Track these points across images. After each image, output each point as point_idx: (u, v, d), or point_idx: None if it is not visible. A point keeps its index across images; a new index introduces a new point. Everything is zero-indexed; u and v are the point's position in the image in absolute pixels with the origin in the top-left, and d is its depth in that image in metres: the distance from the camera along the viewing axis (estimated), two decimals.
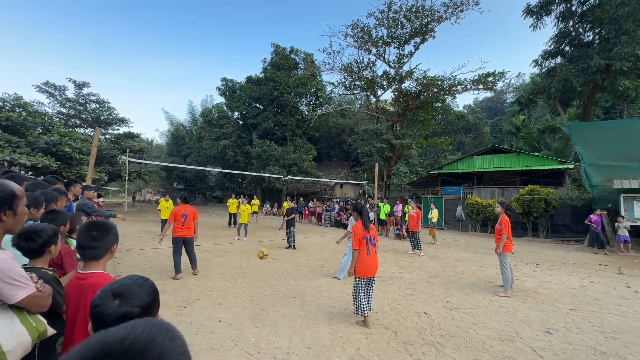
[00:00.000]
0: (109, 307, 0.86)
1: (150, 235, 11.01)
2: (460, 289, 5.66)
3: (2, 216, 1.31)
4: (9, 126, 15.55)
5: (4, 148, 14.27)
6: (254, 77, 29.08)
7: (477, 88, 18.66)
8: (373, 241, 4.01)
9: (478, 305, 4.80)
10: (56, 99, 24.49)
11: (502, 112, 49.18)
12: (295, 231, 9.69)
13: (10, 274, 1.28)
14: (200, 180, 37.03)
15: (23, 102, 17.45)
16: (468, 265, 7.80)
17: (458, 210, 16.45)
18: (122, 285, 0.90)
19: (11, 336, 1.31)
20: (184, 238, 5.86)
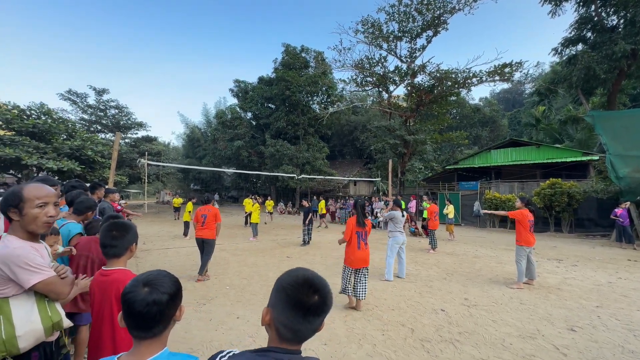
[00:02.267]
0: (140, 294, 0.93)
1: (170, 235, 11.34)
2: (478, 285, 5.55)
3: (10, 214, 1.46)
4: (35, 133, 16.37)
5: (32, 154, 15.04)
6: (266, 77, 29.34)
7: (494, 80, 18.12)
8: (364, 237, 4.38)
9: (497, 302, 4.70)
10: (78, 106, 25.59)
11: (521, 104, 47.54)
12: (312, 229, 10.16)
13: (26, 260, 1.40)
14: (215, 180, 37.78)
15: (48, 109, 18.31)
16: (486, 261, 7.63)
17: (475, 205, 16.06)
18: (150, 275, 0.99)
19: (26, 322, 1.42)
20: (202, 239, 5.67)
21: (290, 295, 0.83)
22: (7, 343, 1.36)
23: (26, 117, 16.57)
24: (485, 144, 33.10)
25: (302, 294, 0.82)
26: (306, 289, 0.83)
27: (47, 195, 1.53)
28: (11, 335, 1.37)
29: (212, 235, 5.70)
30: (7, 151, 14.10)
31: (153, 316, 0.93)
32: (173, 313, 1.00)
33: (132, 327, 0.95)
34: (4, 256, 1.37)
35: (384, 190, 24.00)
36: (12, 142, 14.99)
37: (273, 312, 0.85)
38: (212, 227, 5.71)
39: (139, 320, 0.93)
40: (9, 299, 1.41)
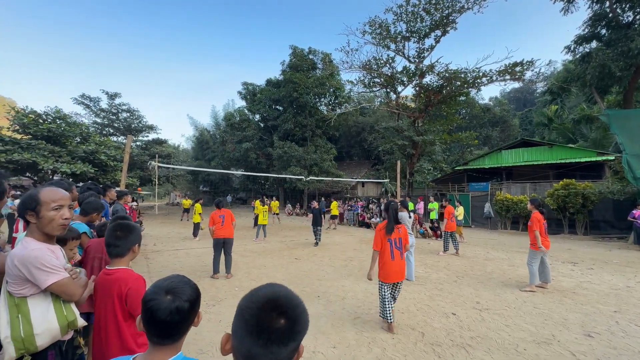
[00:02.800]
0: (163, 302, 0.93)
1: (180, 237, 11.48)
2: (490, 289, 5.44)
3: (27, 217, 1.51)
4: (51, 137, 16.80)
5: (48, 158, 15.45)
6: (274, 79, 29.54)
7: (504, 79, 17.83)
8: (399, 244, 3.67)
9: (510, 306, 4.60)
10: (91, 110, 26.18)
11: (532, 103, 46.66)
12: (321, 229, 10.37)
13: (42, 262, 1.45)
14: (224, 182, 38.14)
15: (63, 114, 18.79)
16: (498, 264, 7.48)
17: (486, 207, 15.80)
18: (171, 282, 0.99)
19: (43, 321, 1.47)
20: (224, 239, 6.03)
21: (248, 319, 0.67)
22: (26, 341, 1.41)
23: (42, 122, 17.04)
24: (495, 144, 32.56)
25: (263, 318, 0.66)
26: (268, 311, 0.67)
27: (62, 198, 1.58)
28: (29, 334, 1.41)
29: (232, 234, 6.14)
30: (24, 155, 14.52)
31: (175, 324, 0.93)
32: (193, 319, 1.00)
33: (152, 333, 0.94)
34: (22, 257, 1.42)
35: (393, 191, 23.84)
36: (28, 146, 15.43)
37: (233, 340, 0.69)
38: (231, 227, 6.14)
39: (161, 328, 0.93)
40: (27, 298, 1.45)
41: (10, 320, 1.41)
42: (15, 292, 1.43)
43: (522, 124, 39.98)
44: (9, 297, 1.44)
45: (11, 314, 1.42)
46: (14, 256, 1.43)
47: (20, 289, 1.44)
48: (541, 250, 5.33)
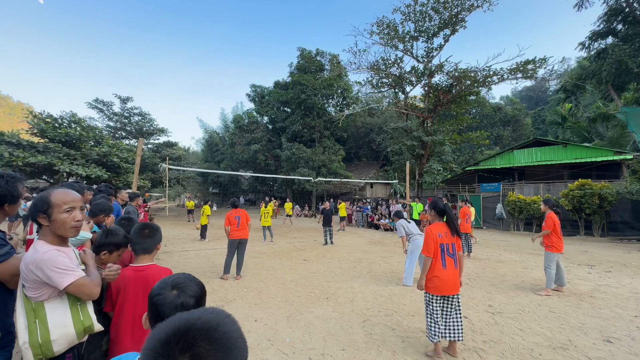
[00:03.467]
0: (168, 297, 0.95)
1: (190, 238, 11.62)
2: (503, 291, 5.31)
3: (39, 220, 1.52)
4: (67, 141, 17.28)
5: (64, 161, 15.88)
6: (282, 81, 29.68)
7: (516, 77, 17.49)
8: (452, 251, 3.18)
9: (524, 309, 4.48)
10: (105, 114, 26.81)
11: (545, 102, 45.64)
12: (332, 230, 10.60)
13: (55, 264, 1.45)
14: (233, 184, 38.48)
15: (78, 118, 19.31)
16: (511, 266, 7.31)
17: (498, 208, 15.50)
18: (177, 278, 1.01)
19: (60, 326, 1.47)
20: (239, 239, 6.09)
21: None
22: (43, 347, 1.42)
23: (58, 126, 17.53)
24: (507, 144, 31.96)
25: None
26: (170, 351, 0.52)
27: (74, 200, 1.58)
28: (46, 339, 1.42)
29: (247, 235, 6.22)
30: (40, 158, 14.96)
31: None
32: None
33: None
34: (36, 261, 1.42)
35: (402, 192, 23.63)
36: (45, 149, 15.90)
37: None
38: (246, 227, 6.21)
39: None
40: (44, 302, 1.45)
41: (28, 325, 1.42)
42: (32, 296, 1.44)
43: (535, 123, 39.13)
44: (27, 302, 1.44)
45: (29, 319, 1.43)
46: (28, 261, 1.43)
47: (37, 293, 1.44)
48: (558, 253, 5.20)
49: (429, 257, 3.14)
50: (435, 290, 3.11)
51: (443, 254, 3.14)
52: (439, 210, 3.25)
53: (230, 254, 6.09)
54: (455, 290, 3.13)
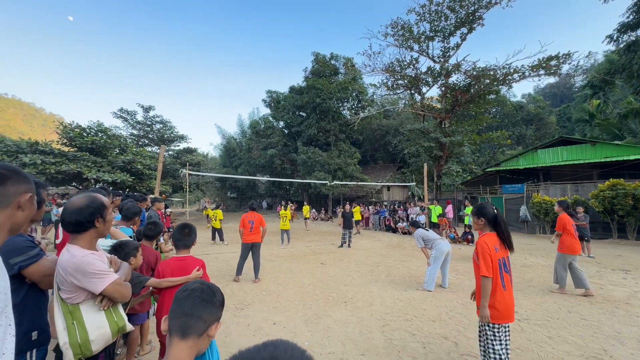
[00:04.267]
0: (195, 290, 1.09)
1: (209, 242, 11.87)
2: (529, 297, 5.08)
3: (96, 223, 1.59)
4: (94, 149, 18.18)
5: (91, 168, 16.70)
6: (297, 86, 29.98)
7: (538, 74, 16.83)
8: (508, 267, 2.61)
9: (552, 316, 4.26)
10: (129, 123, 28.02)
11: (571, 98, 43.66)
12: (351, 232, 10.73)
13: (94, 268, 1.52)
14: (250, 188, 39.06)
15: (104, 127, 20.29)
16: (537, 271, 6.99)
17: (522, 210, 14.89)
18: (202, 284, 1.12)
19: (96, 327, 1.54)
20: (252, 243, 6.19)
21: None
22: (83, 347, 1.50)
23: (86, 135, 18.49)
24: (530, 144, 30.75)
25: None
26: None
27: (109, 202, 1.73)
28: (85, 340, 1.50)
29: (259, 239, 6.29)
30: (70, 166, 15.80)
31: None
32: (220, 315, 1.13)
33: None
34: (74, 265, 1.48)
35: (420, 195, 23.19)
36: (74, 157, 16.79)
37: None
38: (259, 231, 6.29)
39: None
40: (79, 305, 1.52)
41: (67, 326, 1.49)
42: (68, 299, 1.51)
43: (560, 121, 37.47)
44: (63, 304, 1.51)
45: (67, 320, 1.50)
46: (65, 264, 1.48)
47: (73, 296, 1.51)
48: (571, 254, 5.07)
49: (488, 277, 2.48)
50: (501, 318, 2.47)
51: (501, 271, 2.53)
52: (491, 218, 2.60)
53: (243, 256, 6.21)
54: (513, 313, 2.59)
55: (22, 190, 1.00)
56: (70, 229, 1.55)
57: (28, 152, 15.86)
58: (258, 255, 6.27)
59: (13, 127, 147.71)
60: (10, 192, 0.97)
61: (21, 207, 1.00)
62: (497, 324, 2.49)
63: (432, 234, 5.89)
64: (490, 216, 2.60)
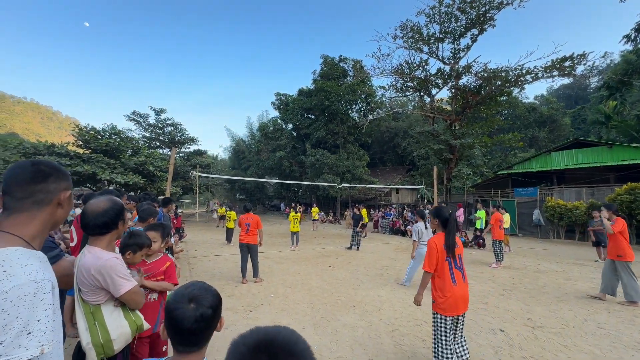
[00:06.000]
0: (187, 310, 0.95)
1: (218, 243, 11.98)
2: (543, 304, 4.95)
3: (119, 225, 1.63)
4: (107, 151, 18.63)
5: (105, 169, 17.10)
6: (305, 89, 30.13)
7: (551, 75, 16.50)
8: (459, 264, 2.81)
9: (568, 324, 4.14)
10: (141, 125, 28.61)
11: (586, 100, 42.61)
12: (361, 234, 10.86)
13: (118, 271, 1.56)
14: (259, 190, 39.32)
15: (117, 130, 20.79)
16: (552, 277, 6.81)
17: (535, 214, 14.57)
18: (193, 290, 1.00)
19: (117, 327, 1.57)
20: (247, 244, 6.23)
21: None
22: (105, 346, 1.53)
23: (100, 138, 18.96)
24: (544, 146, 30.09)
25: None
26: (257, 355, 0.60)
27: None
28: (107, 339, 1.53)
29: (255, 241, 6.28)
30: (85, 167, 16.21)
31: (200, 331, 0.95)
32: (216, 325, 1.01)
33: (178, 342, 0.96)
34: (100, 267, 1.50)
35: (429, 198, 22.94)
36: (89, 159, 17.23)
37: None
38: (255, 233, 6.29)
39: (186, 336, 0.94)
40: (100, 305, 1.56)
41: (89, 327, 1.52)
42: (90, 300, 1.54)
43: (575, 123, 36.64)
44: (84, 305, 1.54)
45: (88, 321, 1.53)
46: (89, 266, 1.50)
47: (95, 297, 1.54)
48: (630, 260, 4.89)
49: (428, 272, 2.77)
50: (448, 310, 2.67)
51: (451, 267, 2.74)
52: (443, 219, 2.84)
53: (243, 258, 6.27)
54: (466, 307, 2.77)
55: (62, 187, 1.00)
56: (94, 232, 1.58)
57: (45, 154, 16.34)
58: (256, 256, 6.31)
59: (31, 129, 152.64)
60: (52, 189, 0.97)
61: (61, 204, 0.99)
62: (443, 315, 2.71)
63: (428, 233, 6.04)
64: (443, 218, 2.85)
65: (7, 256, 0.81)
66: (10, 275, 0.78)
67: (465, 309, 2.76)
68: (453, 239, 2.77)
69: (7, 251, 0.83)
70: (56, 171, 0.99)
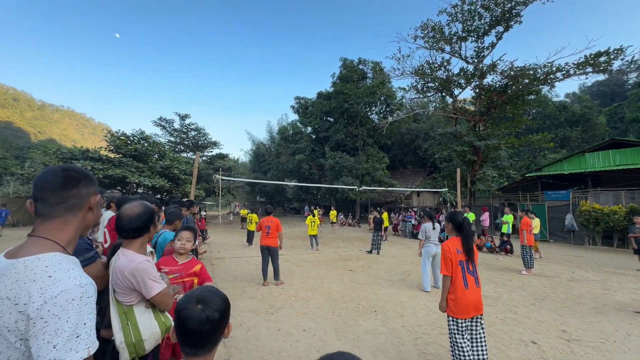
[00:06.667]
0: (194, 311, 0.96)
1: (240, 245, 12.21)
2: (579, 316, 4.65)
3: (151, 229, 1.71)
4: (136, 155, 19.54)
5: (134, 173, 17.94)
6: (324, 92, 30.22)
7: (585, 72, 15.61)
8: (472, 268, 2.83)
9: (608, 338, 3.86)
10: (167, 130, 29.81)
11: (623, 97, 39.94)
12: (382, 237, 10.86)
13: (151, 273, 1.62)
14: (279, 193, 39.75)
15: (145, 135, 21.78)
16: (588, 286, 6.39)
17: (568, 218, 13.77)
18: (202, 292, 1.02)
19: (148, 327, 1.63)
20: (267, 247, 6.30)
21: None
22: (137, 346, 1.59)
23: (130, 143, 19.93)
24: (576, 147, 28.47)
25: None
26: None
27: None
28: (139, 339, 1.59)
29: (275, 243, 6.34)
30: (116, 171, 17.09)
31: (206, 334, 0.95)
32: (223, 330, 1.01)
33: (184, 344, 0.97)
34: (133, 269, 1.57)
35: (452, 201, 22.27)
36: (119, 163, 18.15)
37: None
38: (276, 236, 6.35)
39: (193, 337, 0.95)
40: (133, 306, 1.63)
41: (122, 326, 1.59)
42: (123, 301, 1.61)
43: (611, 122, 34.42)
44: (118, 306, 1.62)
45: (122, 321, 1.60)
46: (123, 268, 1.58)
47: (128, 298, 1.61)
48: None
49: (447, 276, 2.83)
50: (459, 313, 2.75)
51: (463, 272, 2.80)
52: (457, 224, 2.91)
53: (264, 260, 6.34)
54: (479, 310, 2.80)
55: (92, 192, 1.01)
56: (128, 235, 1.66)
57: (80, 158, 17.39)
58: (276, 259, 6.36)
59: (67, 135, 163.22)
60: (83, 194, 0.97)
61: (92, 208, 1.01)
62: (454, 317, 2.77)
63: (435, 233, 6.31)
64: (456, 223, 2.91)
65: (49, 262, 0.83)
66: (57, 280, 0.80)
67: (477, 312, 2.79)
68: (471, 243, 2.83)
69: (47, 256, 0.84)
70: (85, 176, 1.00)
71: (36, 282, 0.79)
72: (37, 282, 0.79)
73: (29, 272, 0.80)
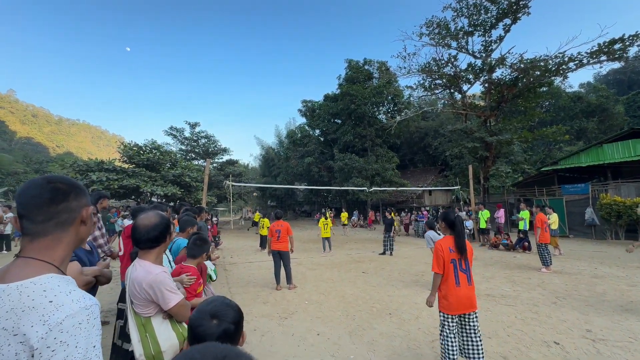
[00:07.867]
0: (210, 327, 0.96)
1: (252, 249, 12.29)
2: (604, 314, 4.46)
3: (167, 238, 1.71)
4: (149, 165, 19.98)
5: (147, 182, 18.34)
6: (331, 94, 30.26)
7: (599, 61, 15.12)
8: (465, 267, 2.87)
9: (637, 338, 3.68)
10: (177, 139, 30.43)
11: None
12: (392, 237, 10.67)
13: (168, 284, 1.62)
14: (289, 196, 39.92)
15: (157, 145, 22.26)
16: (612, 283, 6.13)
17: (588, 212, 13.29)
18: (214, 306, 1.01)
19: (167, 339, 1.62)
20: (278, 251, 6.31)
21: None
22: (156, 357, 1.58)
23: (142, 153, 20.40)
24: (593, 138, 27.55)
25: None
26: None
27: None
28: (158, 351, 1.58)
29: (286, 247, 6.35)
30: (130, 181, 17.50)
31: None
32: (238, 340, 1.01)
33: None
34: (151, 281, 1.57)
35: (465, 198, 21.86)
36: (133, 173, 18.59)
37: None
38: (286, 240, 6.35)
39: None
40: (151, 318, 1.62)
41: (141, 338, 1.59)
42: (141, 312, 1.61)
43: (630, 110, 33.16)
44: (137, 317, 1.62)
45: (140, 333, 1.60)
46: (141, 279, 1.57)
47: (146, 310, 1.61)
48: None
49: (437, 273, 2.89)
50: (450, 309, 2.83)
51: (455, 270, 2.85)
52: (449, 223, 2.98)
53: (276, 265, 6.34)
54: (471, 307, 2.84)
55: (83, 204, 0.92)
56: (146, 245, 1.65)
57: (95, 170, 17.89)
58: (288, 263, 6.37)
59: (83, 147, 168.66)
60: (74, 208, 0.89)
61: (84, 221, 0.92)
62: (445, 313, 2.87)
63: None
64: (449, 221, 2.99)
65: (46, 285, 0.75)
66: (59, 305, 0.73)
67: (470, 309, 2.84)
68: (463, 241, 2.88)
69: (43, 279, 0.76)
70: (75, 187, 0.91)
71: (36, 309, 0.72)
72: (37, 309, 0.72)
73: (25, 298, 0.73)
